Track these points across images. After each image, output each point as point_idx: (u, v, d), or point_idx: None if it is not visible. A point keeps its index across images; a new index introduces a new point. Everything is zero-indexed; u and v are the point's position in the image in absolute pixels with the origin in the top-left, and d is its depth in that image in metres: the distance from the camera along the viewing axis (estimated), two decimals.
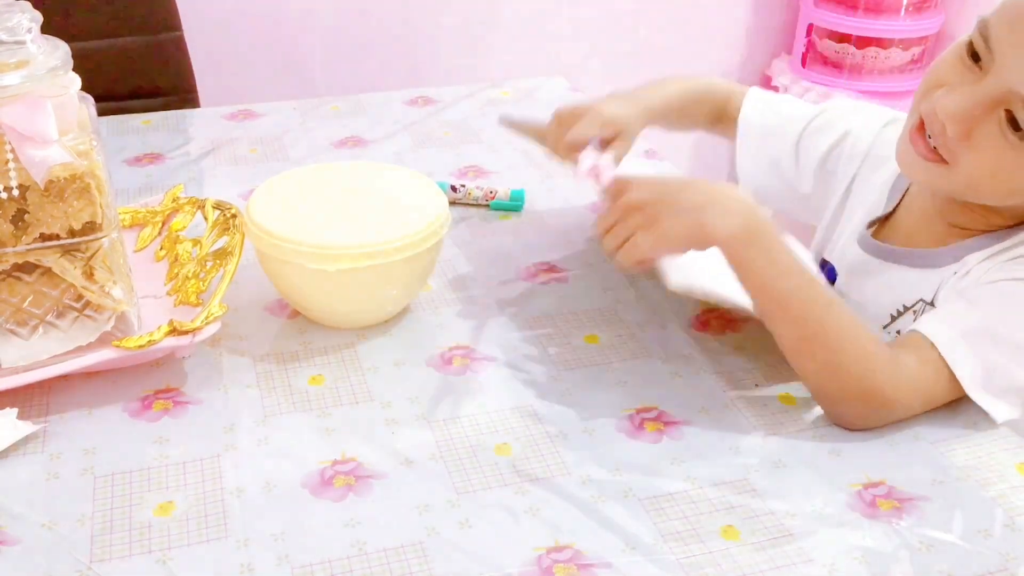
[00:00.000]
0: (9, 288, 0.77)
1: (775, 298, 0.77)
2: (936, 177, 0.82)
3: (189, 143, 1.26)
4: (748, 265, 0.77)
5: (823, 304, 0.76)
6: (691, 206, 0.77)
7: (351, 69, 2.14)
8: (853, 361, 0.75)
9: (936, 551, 0.67)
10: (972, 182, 0.80)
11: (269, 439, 0.76)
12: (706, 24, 2.39)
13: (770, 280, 0.77)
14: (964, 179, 0.80)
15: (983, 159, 0.78)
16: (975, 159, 0.78)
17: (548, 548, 0.67)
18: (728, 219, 0.76)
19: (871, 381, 0.75)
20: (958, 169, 0.80)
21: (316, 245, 0.82)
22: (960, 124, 0.77)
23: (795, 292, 0.76)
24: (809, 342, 0.77)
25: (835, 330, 0.76)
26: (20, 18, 0.74)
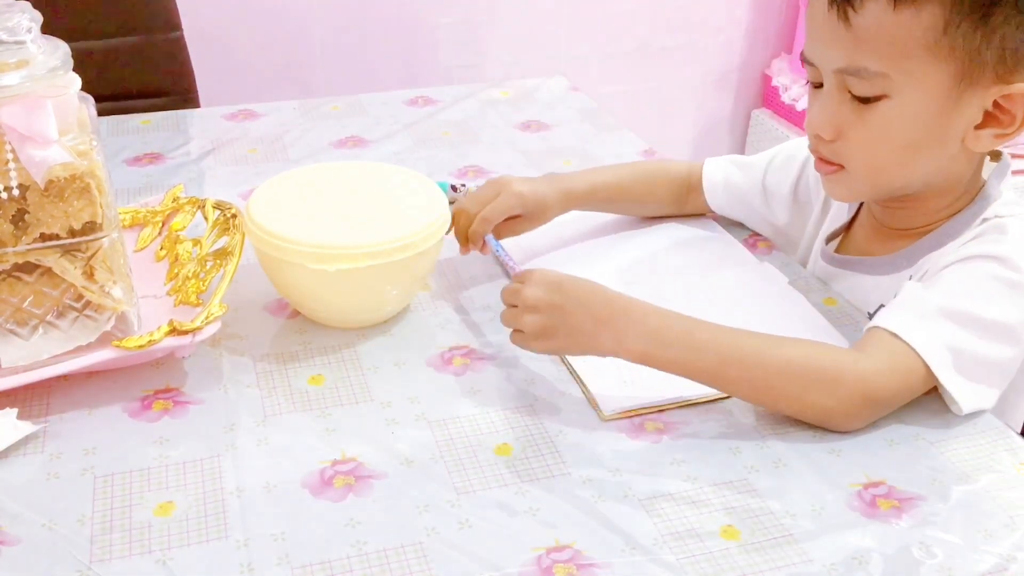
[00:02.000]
0: (9, 288, 0.77)
1: (712, 373, 0.77)
2: (846, 184, 0.87)
3: (189, 143, 1.26)
4: (668, 363, 0.77)
5: (757, 352, 0.76)
6: (585, 331, 0.78)
7: (351, 69, 2.14)
8: (816, 383, 0.75)
9: (936, 551, 0.67)
10: (869, 168, 0.84)
11: (269, 439, 0.76)
12: (706, 24, 2.39)
13: (696, 363, 0.76)
14: (864, 167, 0.84)
15: (860, 139, 0.82)
16: (856, 145, 0.83)
17: (548, 548, 0.67)
18: (627, 340, 0.77)
19: (845, 391, 0.75)
20: (853, 162, 0.84)
21: (316, 245, 0.82)
22: (825, 125, 0.84)
23: (726, 359, 0.76)
24: (766, 390, 0.76)
25: (784, 367, 0.76)
26: (20, 18, 0.74)
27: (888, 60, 0.78)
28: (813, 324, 0.90)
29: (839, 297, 0.94)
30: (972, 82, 0.78)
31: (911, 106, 0.79)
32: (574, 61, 2.29)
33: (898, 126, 0.81)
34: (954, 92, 0.78)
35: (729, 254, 1.03)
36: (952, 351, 0.76)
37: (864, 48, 0.78)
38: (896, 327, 0.77)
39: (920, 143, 0.81)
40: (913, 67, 0.78)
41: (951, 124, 0.80)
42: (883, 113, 0.80)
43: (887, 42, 0.77)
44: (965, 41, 0.76)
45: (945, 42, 0.77)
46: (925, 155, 0.82)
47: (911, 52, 0.77)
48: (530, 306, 0.79)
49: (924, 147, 0.82)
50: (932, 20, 0.76)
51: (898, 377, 0.76)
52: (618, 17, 2.31)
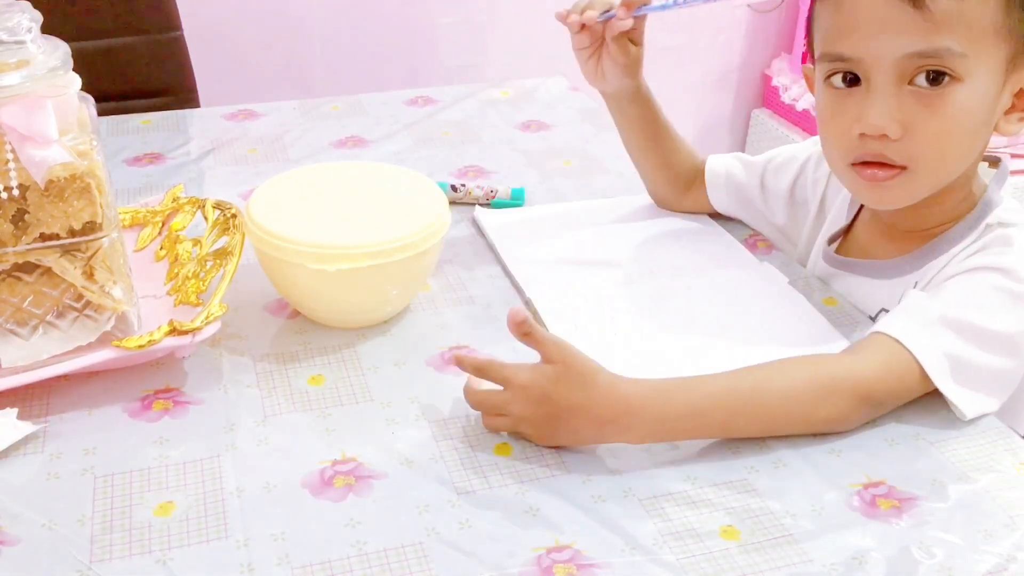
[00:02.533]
0: (9, 288, 0.77)
1: (723, 429, 0.76)
2: (907, 187, 0.82)
3: (189, 143, 1.26)
4: (680, 435, 0.75)
5: (759, 392, 0.75)
6: (588, 434, 0.74)
7: (351, 69, 2.14)
8: (817, 400, 0.75)
9: (936, 551, 0.67)
10: (940, 158, 0.80)
11: (269, 439, 0.76)
12: (706, 24, 2.39)
13: (706, 428, 0.75)
14: (933, 162, 0.81)
15: (931, 131, 0.79)
16: (926, 139, 0.79)
17: (548, 548, 0.67)
18: (633, 433, 0.74)
19: (843, 397, 0.75)
20: (922, 159, 0.80)
21: (316, 245, 0.82)
22: (894, 123, 0.79)
23: (731, 411, 0.75)
24: (775, 425, 0.76)
25: (786, 400, 0.75)
26: (20, 18, 0.74)
27: (967, 41, 0.76)
28: (813, 324, 0.90)
29: (839, 297, 0.94)
30: (1016, 66, 0.79)
31: (978, 90, 0.78)
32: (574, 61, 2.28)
33: (969, 112, 0.79)
34: (1004, 74, 0.79)
35: (729, 254, 1.03)
36: (951, 359, 0.77)
37: (944, 30, 0.76)
38: (897, 333, 0.77)
39: (980, 129, 0.81)
40: (984, 48, 0.77)
41: (996, 110, 0.81)
42: (955, 99, 0.78)
43: (966, 24, 0.76)
44: (1018, 24, 0.77)
45: (1006, 24, 0.77)
46: (980, 142, 0.83)
47: (984, 33, 0.77)
48: (523, 419, 0.75)
49: (982, 133, 0.82)
50: (996, 2, 0.76)
51: (894, 378, 0.77)
52: None
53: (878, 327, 0.79)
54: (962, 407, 0.77)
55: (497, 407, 0.76)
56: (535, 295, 0.93)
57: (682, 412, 0.74)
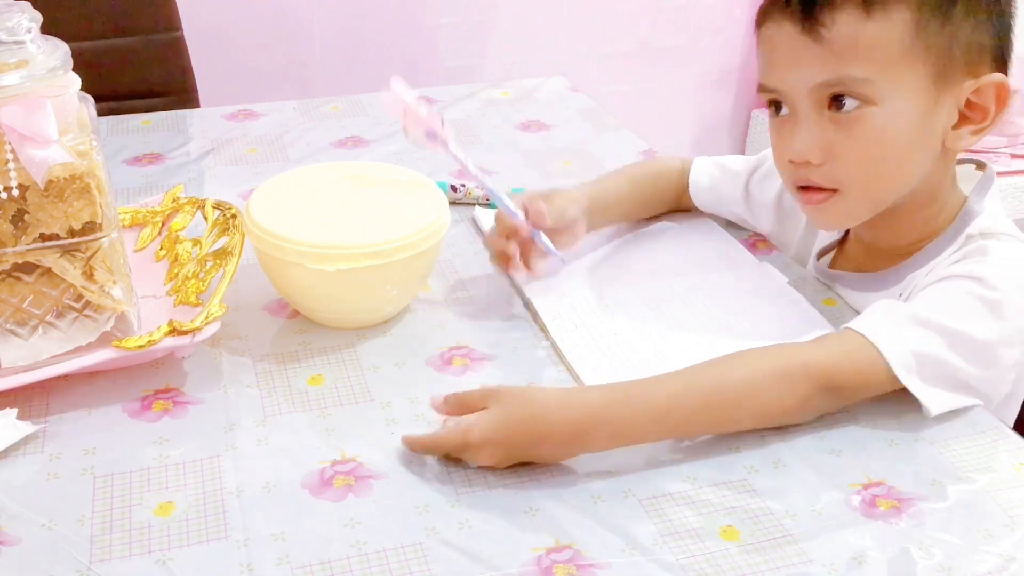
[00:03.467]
0: (9, 288, 0.77)
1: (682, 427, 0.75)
2: (842, 208, 0.85)
3: (189, 143, 1.26)
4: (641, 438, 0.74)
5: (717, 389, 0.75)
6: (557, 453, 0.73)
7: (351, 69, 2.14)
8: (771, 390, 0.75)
9: (936, 551, 0.67)
10: (866, 181, 0.83)
11: (269, 439, 0.76)
12: (706, 24, 2.39)
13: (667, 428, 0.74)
14: (862, 183, 0.83)
15: (852, 154, 0.82)
16: (848, 161, 0.82)
17: (548, 548, 0.67)
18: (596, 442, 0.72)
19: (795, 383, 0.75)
20: (850, 181, 0.83)
21: (316, 245, 0.82)
22: (812, 148, 0.82)
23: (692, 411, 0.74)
24: (735, 421, 0.76)
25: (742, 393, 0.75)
26: (20, 18, 0.74)
27: (870, 66, 0.79)
28: (813, 324, 0.90)
29: (839, 297, 0.94)
30: (947, 81, 0.80)
31: (897, 111, 0.80)
32: (574, 61, 2.29)
33: (889, 133, 0.81)
34: (932, 93, 0.80)
35: (729, 254, 1.03)
36: (917, 356, 0.76)
37: (844, 58, 0.79)
38: (863, 328, 0.77)
39: (911, 147, 0.82)
40: (894, 71, 0.79)
41: (933, 125, 0.81)
42: (872, 122, 0.81)
43: (866, 49, 0.79)
44: (935, 40, 0.78)
45: (919, 44, 0.78)
46: (917, 159, 0.83)
47: (890, 57, 0.79)
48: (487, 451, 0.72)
49: (915, 151, 0.83)
50: (903, 24, 0.78)
51: (853, 367, 0.76)
52: (618, 17, 2.31)
53: (850, 324, 0.79)
54: (927, 403, 0.76)
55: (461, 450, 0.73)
56: (535, 295, 0.93)
57: (645, 415, 0.73)
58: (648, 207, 1.07)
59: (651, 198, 1.06)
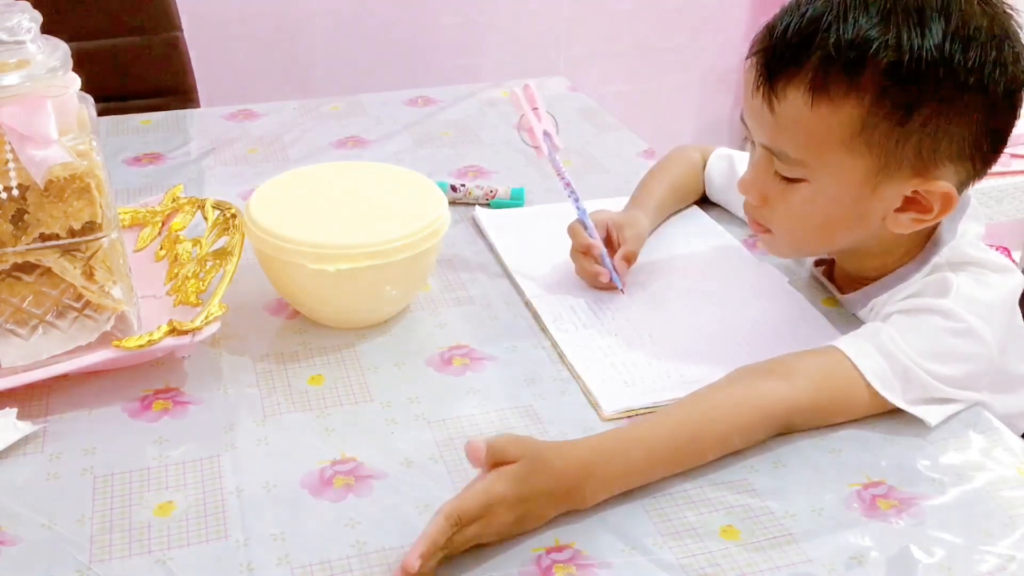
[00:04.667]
0: (9, 288, 0.77)
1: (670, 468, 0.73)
2: (775, 246, 0.91)
3: (189, 143, 1.26)
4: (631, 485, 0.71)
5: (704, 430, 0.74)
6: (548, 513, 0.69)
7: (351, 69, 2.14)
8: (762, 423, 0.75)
9: (936, 551, 0.67)
10: (791, 237, 0.87)
11: (269, 439, 0.76)
12: (706, 24, 2.39)
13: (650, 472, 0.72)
14: (786, 236, 0.87)
15: (781, 212, 0.85)
16: (778, 216, 0.85)
17: (548, 548, 0.67)
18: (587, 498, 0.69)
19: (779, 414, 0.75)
20: (776, 230, 0.87)
21: (316, 245, 0.82)
22: (752, 191, 0.86)
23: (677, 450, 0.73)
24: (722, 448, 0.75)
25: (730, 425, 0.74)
26: (20, 18, 0.74)
27: (805, 150, 0.80)
28: (813, 324, 0.90)
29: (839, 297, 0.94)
30: (889, 175, 0.79)
31: (828, 192, 0.81)
32: (574, 61, 2.29)
33: (815, 208, 0.83)
34: (872, 182, 0.80)
35: (729, 254, 1.03)
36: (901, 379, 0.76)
37: (784, 135, 0.81)
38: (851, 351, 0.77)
39: (837, 223, 0.84)
40: (829, 159, 0.80)
41: (869, 208, 0.82)
42: (801, 194, 0.82)
43: (805, 133, 0.79)
44: (882, 139, 0.78)
45: (862, 139, 0.78)
46: (844, 232, 0.85)
47: (827, 145, 0.79)
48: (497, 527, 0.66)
49: (842, 226, 0.84)
50: (849, 118, 0.78)
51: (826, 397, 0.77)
52: (618, 17, 2.31)
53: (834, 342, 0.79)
54: (925, 417, 0.77)
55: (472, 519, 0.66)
56: (535, 295, 0.93)
57: (627, 467, 0.71)
58: (686, 199, 1.11)
59: (688, 196, 1.11)
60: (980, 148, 0.79)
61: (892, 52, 0.75)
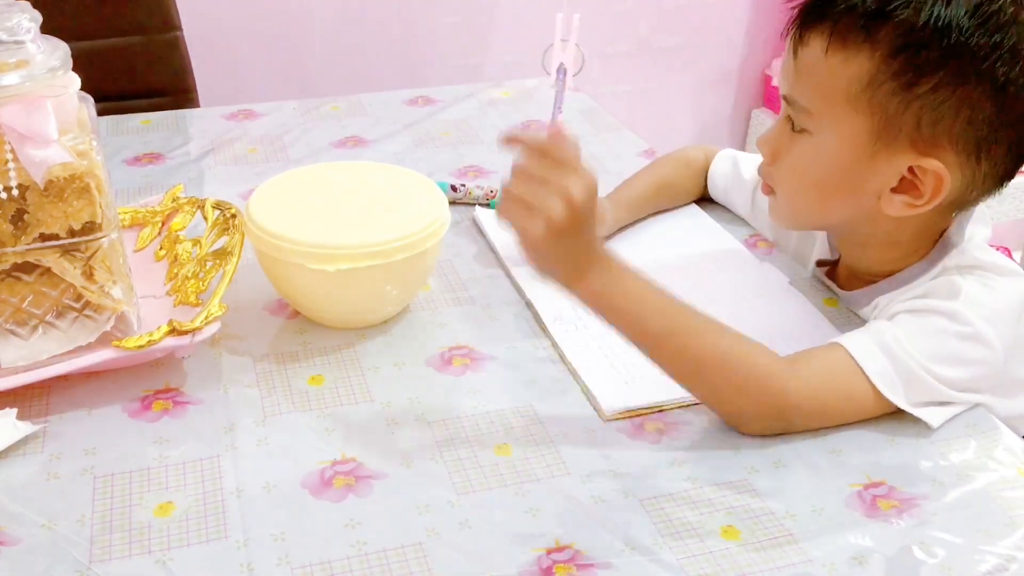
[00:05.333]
0: (9, 288, 0.77)
1: (648, 339, 0.76)
2: (775, 210, 0.90)
3: (189, 143, 1.26)
4: (612, 314, 0.75)
5: (698, 333, 0.75)
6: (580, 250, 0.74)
7: (351, 69, 2.14)
8: (741, 381, 0.75)
9: (936, 551, 0.67)
10: (788, 196, 0.87)
11: (269, 439, 0.76)
12: (706, 24, 2.39)
13: (637, 323, 0.75)
14: (784, 195, 0.87)
15: (785, 166, 0.86)
16: (782, 171, 0.86)
17: (548, 548, 0.67)
18: (591, 275, 0.74)
19: (766, 396, 0.75)
20: (778, 189, 0.87)
21: (316, 245, 0.82)
22: (766, 145, 0.87)
23: (669, 328, 0.75)
24: (693, 374, 0.76)
25: (718, 356, 0.75)
26: (20, 18, 0.74)
27: (814, 98, 0.81)
28: (813, 324, 0.90)
29: (839, 298, 0.94)
30: (887, 143, 0.79)
31: (827, 148, 0.82)
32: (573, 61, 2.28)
33: (814, 164, 0.83)
34: (869, 147, 0.80)
35: (729, 254, 1.03)
36: (904, 380, 0.76)
37: (799, 82, 0.82)
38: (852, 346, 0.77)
39: (831, 187, 0.83)
40: (834, 112, 0.80)
41: (865, 178, 0.81)
42: (803, 147, 0.83)
43: (816, 82, 0.80)
44: (885, 100, 0.78)
45: (864, 97, 0.78)
46: (836, 200, 0.84)
47: (833, 97, 0.79)
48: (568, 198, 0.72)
49: (835, 192, 0.84)
50: (858, 72, 0.78)
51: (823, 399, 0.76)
52: (618, 17, 2.31)
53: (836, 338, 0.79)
54: (927, 419, 0.77)
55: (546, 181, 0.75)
56: (535, 295, 0.93)
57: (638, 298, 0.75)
58: (675, 199, 1.10)
59: (675, 195, 1.10)
60: (987, 145, 0.78)
61: (913, 12, 0.75)
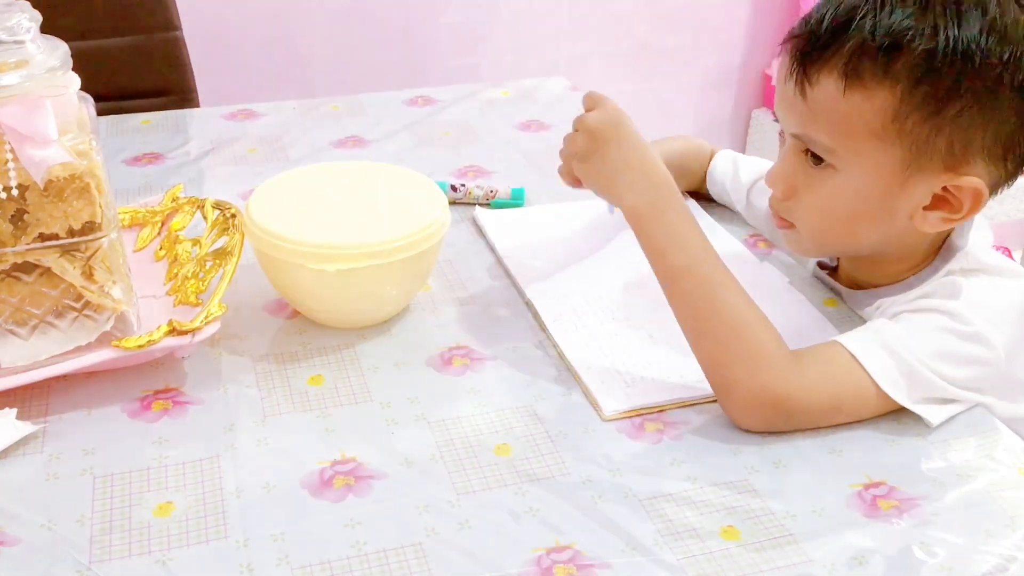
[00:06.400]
0: (8, 288, 0.77)
1: (671, 273, 0.80)
2: (795, 243, 0.90)
3: (189, 143, 1.26)
4: (647, 237, 0.81)
5: (721, 286, 0.77)
6: (610, 167, 0.84)
7: (351, 69, 2.15)
8: (745, 351, 0.75)
9: (937, 551, 0.67)
10: (814, 231, 0.86)
11: (269, 439, 0.76)
12: (706, 24, 2.39)
13: (668, 254, 0.80)
14: (810, 229, 0.86)
15: (807, 202, 0.85)
16: (804, 207, 0.85)
17: (548, 548, 0.67)
18: (632, 192, 0.82)
19: (764, 376, 0.74)
20: (801, 224, 0.87)
21: (316, 245, 0.82)
22: (779, 183, 0.86)
23: (691, 268, 0.79)
24: (702, 323, 0.77)
25: (729, 315, 0.76)
26: (20, 18, 0.73)
27: (837, 137, 0.80)
28: (813, 324, 0.90)
29: (839, 298, 0.94)
30: (920, 168, 0.78)
31: (856, 182, 0.81)
32: (574, 61, 2.29)
33: (843, 199, 0.82)
34: (901, 175, 0.79)
35: (729, 254, 1.02)
36: (907, 377, 0.76)
37: (817, 122, 0.81)
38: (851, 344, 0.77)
39: (864, 217, 0.83)
40: (860, 147, 0.79)
41: (897, 203, 0.81)
42: (831, 183, 0.82)
43: (836, 121, 0.79)
44: (915, 129, 0.77)
45: (893, 129, 0.77)
46: (869, 228, 0.84)
47: (858, 134, 0.79)
48: (584, 129, 0.85)
49: (868, 221, 0.83)
50: (882, 107, 0.77)
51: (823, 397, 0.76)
52: (618, 17, 2.31)
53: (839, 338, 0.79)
54: (927, 417, 0.77)
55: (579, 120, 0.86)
56: (535, 295, 0.93)
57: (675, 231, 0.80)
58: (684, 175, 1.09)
59: (687, 167, 1.09)
60: (1014, 148, 0.78)
61: (928, 40, 0.75)
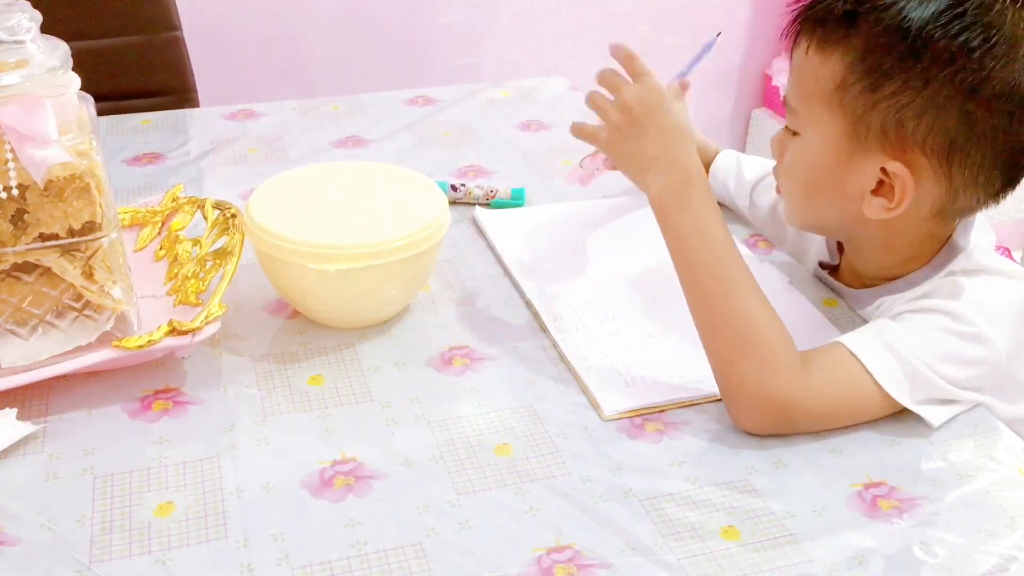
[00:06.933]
0: (9, 288, 0.77)
1: (691, 267, 0.80)
2: (784, 209, 0.92)
3: (189, 143, 1.26)
4: (670, 227, 0.82)
5: (740, 285, 0.78)
6: (642, 151, 0.85)
7: (351, 69, 2.15)
8: (757, 354, 0.75)
9: (937, 551, 0.67)
10: (787, 196, 0.89)
11: (269, 439, 0.76)
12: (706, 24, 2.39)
13: (691, 248, 0.80)
14: (785, 197, 0.89)
15: (782, 167, 0.88)
16: (781, 172, 0.88)
17: (548, 548, 0.67)
18: (661, 180, 0.82)
19: (773, 381, 0.74)
20: (780, 185, 0.89)
21: (316, 245, 0.82)
22: (775, 145, 0.89)
23: (712, 265, 0.78)
24: (717, 320, 0.77)
25: (746, 316, 0.76)
26: (20, 18, 0.73)
27: (799, 98, 0.84)
28: (814, 324, 0.90)
29: (839, 298, 0.94)
30: (860, 143, 0.80)
31: (811, 149, 0.83)
32: (574, 61, 2.29)
33: (802, 165, 0.85)
34: (846, 148, 0.81)
35: None
36: (910, 379, 0.76)
37: (790, 83, 0.85)
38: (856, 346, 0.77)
39: (818, 187, 0.85)
40: (814, 112, 0.82)
41: (845, 179, 0.82)
42: (793, 147, 0.85)
43: (800, 81, 0.83)
44: (854, 102, 0.79)
45: (837, 97, 0.80)
46: (824, 200, 0.85)
47: (814, 97, 0.81)
48: (621, 105, 0.88)
49: (822, 192, 0.85)
50: (832, 73, 0.80)
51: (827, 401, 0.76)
52: (618, 17, 2.31)
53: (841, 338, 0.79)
54: (929, 418, 0.77)
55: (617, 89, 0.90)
56: (535, 295, 0.93)
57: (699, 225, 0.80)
58: None
59: None
60: (960, 155, 0.77)
61: (883, 14, 0.76)
